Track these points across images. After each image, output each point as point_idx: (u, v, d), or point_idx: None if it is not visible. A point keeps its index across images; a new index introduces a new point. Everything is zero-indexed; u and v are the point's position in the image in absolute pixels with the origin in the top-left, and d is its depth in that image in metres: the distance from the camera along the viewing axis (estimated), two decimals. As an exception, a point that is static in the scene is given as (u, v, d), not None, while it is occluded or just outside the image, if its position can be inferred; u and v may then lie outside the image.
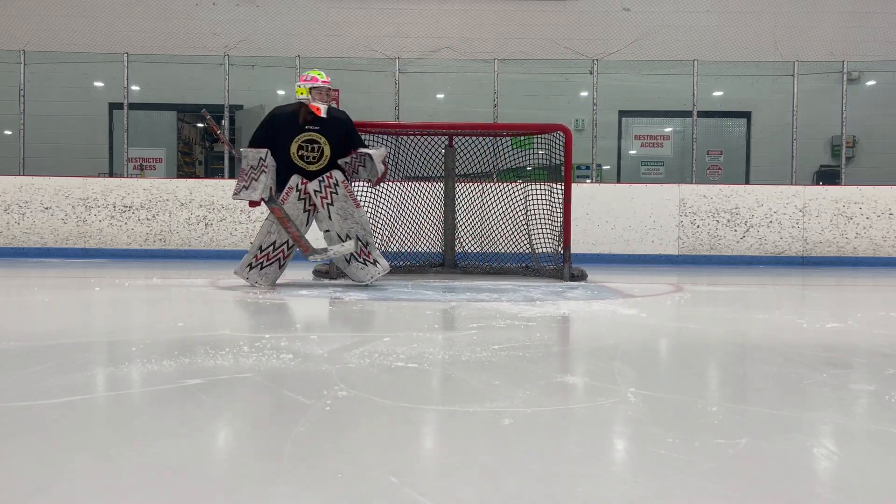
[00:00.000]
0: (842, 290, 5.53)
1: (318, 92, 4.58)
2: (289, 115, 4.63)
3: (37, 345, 2.39)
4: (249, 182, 4.51)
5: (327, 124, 4.59)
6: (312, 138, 4.57)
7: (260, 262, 4.57)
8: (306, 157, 4.57)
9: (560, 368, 2.18)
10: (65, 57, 9.32)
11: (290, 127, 4.60)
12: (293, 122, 4.59)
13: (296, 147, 4.56)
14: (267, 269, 4.58)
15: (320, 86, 4.58)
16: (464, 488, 1.15)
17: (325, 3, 10.12)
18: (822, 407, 1.74)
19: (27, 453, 1.30)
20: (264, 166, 4.52)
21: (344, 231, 4.57)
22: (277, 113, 4.71)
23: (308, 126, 4.57)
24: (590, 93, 9.00)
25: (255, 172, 4.52)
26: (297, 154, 4.56)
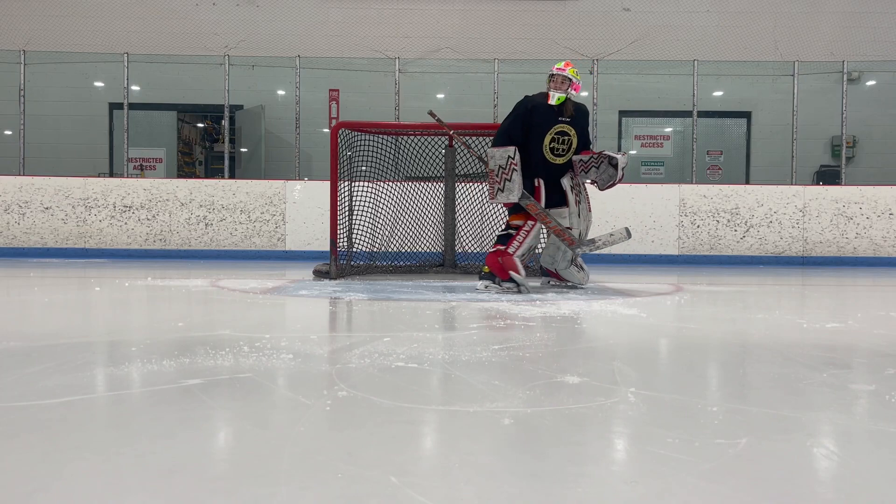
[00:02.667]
0: (842, 290, 5.53)
1: (553, 80, 4.52)
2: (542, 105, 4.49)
3: (37, 345, 2.39)
4: (503, 183, 4.33)
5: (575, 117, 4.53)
6: (564, 130, 4.50)
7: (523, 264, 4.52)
8: (557, 150, 4.51)
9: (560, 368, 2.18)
10: (65, 57, 9.33)
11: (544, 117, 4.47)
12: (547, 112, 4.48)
13: (548, 139, 4.47)
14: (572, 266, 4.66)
15: (556, 73, 4.51)
16: (464, 488, 1.15)
17: (325, 3, 10.12)
18: (822, 407, 1.74)
19: (27, 453, 1.30)
20: (514, 164, 4.33)
21: (584, 227, 4.61)
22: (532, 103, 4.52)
23: (560, 118, 4.50)
24: (590, 93, 9.00)
25: (506, 172, 4.32)
26: (548, 146, 4.48)
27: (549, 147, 4.46)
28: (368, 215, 6.01)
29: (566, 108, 4.46)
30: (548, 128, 4.44)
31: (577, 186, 4.59)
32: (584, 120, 4.60)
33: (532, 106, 4.46)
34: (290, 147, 9.36)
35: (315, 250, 7.88)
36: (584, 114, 4.62)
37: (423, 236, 6.23)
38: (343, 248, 5.72)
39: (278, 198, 8.18)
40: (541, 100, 4.48)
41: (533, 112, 4.44)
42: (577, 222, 4.56)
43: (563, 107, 4.46)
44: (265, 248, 8.17)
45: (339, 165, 5.68)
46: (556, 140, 4.47)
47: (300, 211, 8.16)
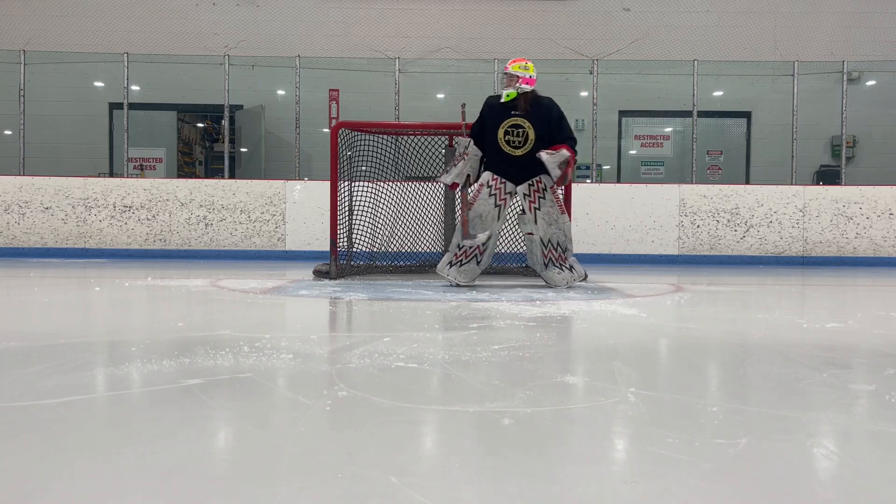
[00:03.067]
0: (842, 290, 5.53)
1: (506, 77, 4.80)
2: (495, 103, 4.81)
3: (37, 345, 2.39)
4: (450, 167, 4.81)
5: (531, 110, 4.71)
6: (517, 123, 4.71)
7: (459, 259, 4.70)
8: (512, 142, 4.70)
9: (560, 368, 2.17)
10: (65, 57, 9.33)
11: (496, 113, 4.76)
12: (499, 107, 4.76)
13: (501, 132, 4.71)
14: (466, 266, 4.71)
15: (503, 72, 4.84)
16: (464, 488, 1.15)
17: (325, 3, 10.12)
18: (822, 407, 1.74)
19: (27, 453, 1.30)
20: (465, 154, 4.78)
21: (547, 236, 4.72)
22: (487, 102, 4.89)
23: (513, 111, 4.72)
24: (590, 93, 9.00)
25: (457, 160, 4.80)
26: (503, 139, 4.71)
27: (503, 139, 4.70)
28: (368, 215, 6.01)
29: (519, 102, 4.71)
30: (500, 121, 4.71)
31: (538, 192, 4.72)
32: (546, 113, 4.74)
33: (487, 104, 4.85)
34: (290, 147, 9.36)
35: (315, 250, 7.88)
36: (545, 107, 4.76)
37: (423, 236, 6.23)
38: (343, 248, 5.71)
39: (278, 198, 8.18)
40: (496, 98, 4.84)
41: (487, 109, 4.81)
42: (534, 228, 4.75)
43: (516, 102, 4.71)
44: (265, 248, 8.17)
45: (339, 165, 5.68)
46: (510, 133, 4.69)
47: (300, 211, 8.16)
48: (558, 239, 4.74)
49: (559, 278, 4.78)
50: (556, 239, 4.74)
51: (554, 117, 4.76)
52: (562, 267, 4.77)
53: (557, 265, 4.77)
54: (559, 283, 4.78)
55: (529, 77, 4.77)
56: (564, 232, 4.75)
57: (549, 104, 4.81)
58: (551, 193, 4.74)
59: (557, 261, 4.76)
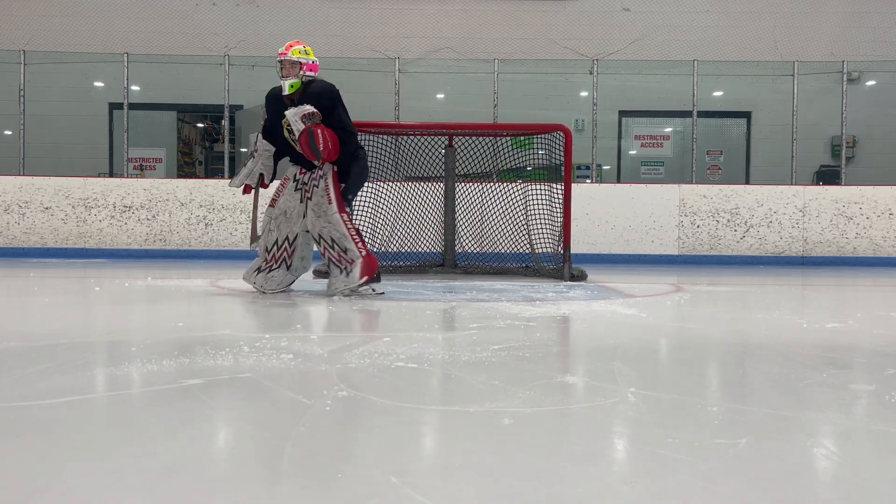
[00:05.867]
0: (842, 290, 5.53)
1: (281, 66, 4.08)
2: (275, 96, 4.22)
3: (37, 345, 2.39)
4: (240, 169, 4.25)
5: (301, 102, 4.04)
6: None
7: (269, 265, 4.18)
8: (294, 140, 4.06)
9: (560, 368, 2.18)
10: (65, 57, 9.32)
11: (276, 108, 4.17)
12: (278, 102, 4.16)
13: (286, 131, 4.08)
14: (274, 272, 4.18)
15: (280, 59, 4.09)
16: (464, 488, 1.15)
17: (325, 3, 10.12)
18: (822, 407, 1.74)
19: (27, 453, 1.30)
20: (254, 151, 4.24)
21: (316, 230, 4.11)
22: (268, 94, 4.30)
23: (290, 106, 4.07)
24: (590, 93, 9.00)
25: (246, 158, 4.32)
26: (289, 137, 4.08)
27: (290, 139, 4.07)
28: (368, 215, 6.01)
29: (295, 94, 4.09)
30: (280, 116, 4.09)
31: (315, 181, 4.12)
32: (322, 102, 4.04)
33: (267, 96, 4.28)
34: (290, 147, 9.35)
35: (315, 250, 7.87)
36: (315, 95, 4.06)
37: (423, 236, 6.23)
38: (343, 248, 5.71)
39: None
40: (276, 91, 4.19)
41: (268, 104, 4.26)
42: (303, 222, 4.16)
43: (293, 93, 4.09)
44: (265, 248, 8.16)
45: (339, 165, 5.67)
46: (290, 130, 4.04)
47: (300, 211, 8.15)
48: (331, 234, 4.06)
49: (334, 282, 4.11)
50: (329, 234, 4.06)
51: (325, 107, 4.03)
52: (342, 270, 4.07)
53: (339, 266, 4.08)
54: (333, 287, 4.11)
55: (313, 62, 4.15)
56: (334, 226, 4.05)
57: (320, 91, 4.09)
58: (324, 182, 4.09)
59: (338, 261, 4.07)
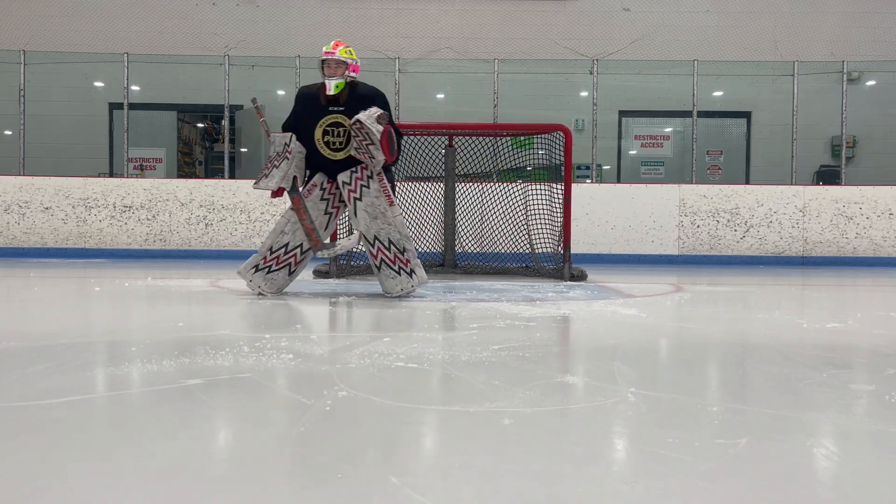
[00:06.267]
0: (842, 290, 5.53)
1: (328, 66, 3.96)
2: (311, 95, 4.04)
3: (37, 345, 2.39)
4: (270, 170, 3.96)
5: (353, 105, 3.91)
6: (337, 121, 3.95)
7: (269, 264, 4.03)
8: (332, 143, 3.95)
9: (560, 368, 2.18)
10: (65, 57, 9.32)
11: (311, 109, 3.99)
12: (315, 103, 3.99)
13: (320, 132, 3.96)
14: (274, 273, 4.05)
15: (325, 58, 3.96)
16: (464, 488, 1.15)
17: (325, 3, 10.12)
18: (822, 407, 1.74)
19: (27, 453, 1.30)
20: (287, 152, 3.96)
21: (372, 232, 3.98)
22: (299, 95, 4.12)
23: (332, 107, 3.95)
24: (590, 93, 9.00)
25: (277, 159, 3.97)
26: (321, 140, 3.96)
27: (322, 141, 3.95)
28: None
29: (340, 95, 3.94)
30: (317, 119, 3.95)
31: (361, 181, 3.97)
32: (368, 104, 3.90)
33: (299, 95, 4.09)
34: (290, 147, 9.35)
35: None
36: (368, 98, 3.95)
37: (423, 236, 6.23)
38: (343, 248, 5.71)
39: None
40: (311, 90, 4.04)
41: (300, 103, 4.06)
42: (356, 223, 4.02)
43: (338, 95, 3.94)
44: (265, 248, 8.16)
45: (339, 165, 5.68)
46: (329, 132, 3.93)
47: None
48: (389, 236, 3.97)
49: (391, 283, 4.01)
50: (387, 236, 3.97)
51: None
52: (400, 270, 4.00)
53: (395, 267, 4.00)
54: (391, 289, 4.02)
55: (356, 63, 4.02)
56: (397, 228, 3.97)
57: (373, 94, 4.02)
58: (379, 182, 3.97)
59: (393, 262, 3.99)
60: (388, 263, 4.00)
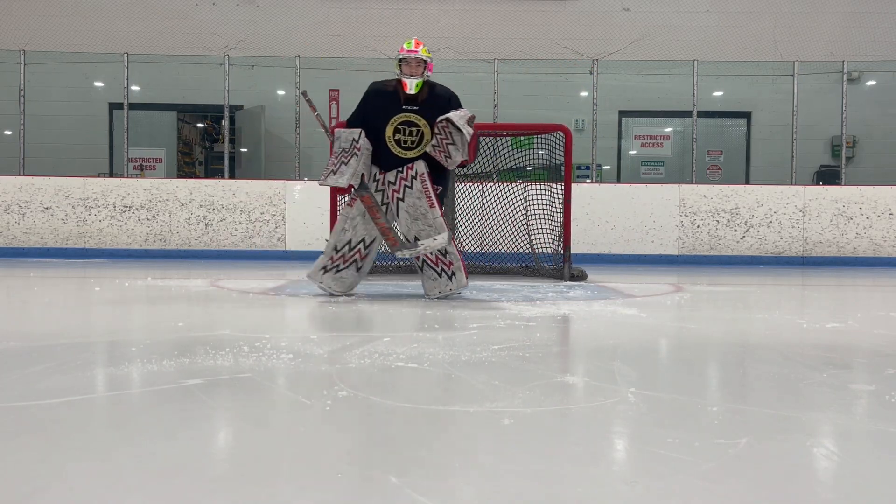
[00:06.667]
0: (842, 290, 5.53)
1: (408, 64, 3.90)
2: (385, 93, 3.97)
3: (37, 345, 2.39)
4: (338, 166, 3.87)
5: (428, 104, 3.92)
6: (410, 120, 3.92)
7: (336, 264, 3.99)
8: (403, 141, 3.93)
9: (560, 368, 2.18)
10: (65, 57, 9.32)
11: (384, 106, 3.94)
12: (389, 100, 3.94)
13: (391, 130, 3.93)
14: (343, 272, 4.00)
15: (405, 56, 3.89)
16: (464, 488, 1.15)
17: (325, 3, 10.12)
18: (822, 407, 1.74)
19: (27, 453, 1.30)
20: (356, 149, 3.88)
21: (412, 234, 3.95)
22: (371, 91, 4.03)
23: (406, 106, 3.92)
24: (590, 93, 9.00)
25: (345, 156, 3.88)
26: (392, 138, 3.93)
27: (393, 139, 3.91)
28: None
29: (418, 94, 3.90)
30: (389, 117, 3.91)
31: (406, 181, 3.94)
32: (444, 105, 3.93)
33: (371, 91, 4.00)
34: (290, 147, 9.36)
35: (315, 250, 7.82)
36: (444, 99, 3.95)
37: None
38: (343, 248, 5.70)
39: (278, 198, 8.18)
40: (386, 86, 3.98)
41: (373, 98, 3.97)
42: (396, 223, 4.02)
43: (415, 94, 3.90)
44: (265, 248, 8.17)
45: (339, 165, 5.67)
46: (401, 131, 3.91)
47: (300, 211, 8.16)
48: (424, 236, 3.94)
49: (431, 285, 4.00)
50: (427, 237, 3.94)
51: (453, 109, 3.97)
52: (440, 272, 3.97)
53: (436, 269, 3.98)
54: (430, 291, 4.01)
55: (432, 62, 3.99)
56: (437, 229, 3.92)
57: (448, 95, 4.01)
58: (421, 183, 3.92)
59: (435, 264, 3.97)
60: (430, 265, 3.99)
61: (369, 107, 4.00)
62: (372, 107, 3.99)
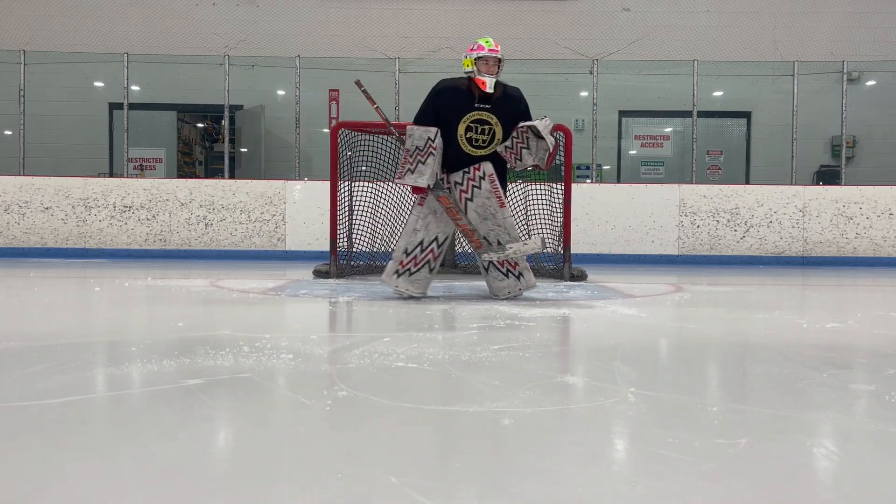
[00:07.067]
0: (842, 290, 5.53)
1: (486, 63, 3.89)
2: (457, 90, 3.94)
3: (37, 345, 2.39)
4: (416, 165, 3.81)
5: (500, 103, 3.92)
6: (483, 118, 3.90)
7: (407, 267, 3.94)
8: (475, 140, 3.90)
9: (560, 368, 2.17)
10: (65, 57, 9.32)
11: (458, 103, 3.91)
12: (462, 97, 3.91)
13: (463, 128, 3.89)
14: (416, 274, 3.95)
15: (486, 55, 3.87)
16: (464, 488, 1.15)
17: (325, 3, 10.12)
18: (822, 407, 1.74)
19: (27, 453, 1.30)
20: (432, 148, 3.82)
21: (481, 233, 3.95)
22: (443, 88, 3.97)
23: (478, 104, 3.90)
24: (590, 93, 8.99)
25: (421, 154, 3.82)
26: (464, 136, 3.90)
27: (465, 137, 3.89)
28: (368, 215, 6.00)
29: (493, 93, 3.90)
30: (462, 114, 3.88)
31: (473, 181, 3.92)
32: (515, 105, 3.96)
33: (443, 88, 3.95)
34: (290, 147, 9.36)
35: (315, 250, 7.88)
36: (515, 99, 3.98)
37: (423, 236, 6.22)
38: (343, 248, 5.71)
39: (278, 198, 8.18)
40: (458, 84, 3.95)
41: (445, 95, 3.92)
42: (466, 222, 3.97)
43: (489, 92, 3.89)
44: (265, 248, 8.17)
45: (339, 165, 5.69)
46: (473, 129, 3.89)
47: (300, 211, 8.16)
48: (498, 237, 3.94)
49: (500, 286, 4.00)
50: (496, 237, 3.95)
51: (522, 112, 3.99)
52: (508, 272, 3.98)
53: (503, 269, 3.98)
54: (499, 291, 4.01)
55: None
56: (507, 230, 3.95)
57: (519, 95, 4.03)
58: (490, 183, 3.92)
59: (502, 264, 3.97)
60: (496, 266, 3.98)
61: (441, 104, 3.93)
62: (444, 104, 3.93)
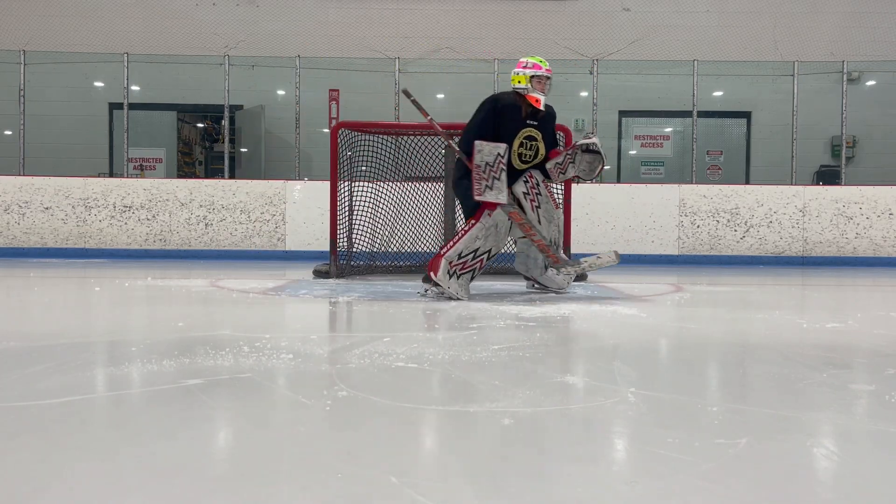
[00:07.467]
0: (842, 290, 5.53)
1: (539, 81, 4.11)
2: (512, 106, 4.10)
3: (37, 345, 2.39)
4: (492, 181, 3.89)
5: (544, 119, 4.16)
6: (532, 134, 4.11)
7: (454, 269, 4.02)
8: (524, 155, 4.12)
9: (560, 368, 2.17)
10: (65, 57, 9.32)
11: (513, 119, 4.08)
12: (516, 114, 4.09)
13: (517, 144, 4.07)
14: (462, 278, 4.05)
15: (543, 74, 4.11)
16: (464, 488, 1.15)
17: (325, 3, 10.12)
18: (822, 407, 1.74)
19: (27, 453, 1.30)
20: (502, 163, 3.90)
21: (551, 236, 4.15)
22: (501, 104, 4.11)
23: (529, 120, 4.10)
24: (590, 93, 9.00)
25: (494, 171, 3.88)
26: (517, 151, 4.08)
27: (517, 152, 4.08)
28: (368, 215, 6.01)
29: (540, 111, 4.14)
30: (517, 130, 4.07)
31: (535, 189, 4.13)
32: (553, 122, 4.29)
33: (501, 106, 4.09)
34: (290, 147, 9.36)
35: (315, 250, 7.88)
36: (553, 116, 4.29)
37: (423, 236, 6.23)
38: (343, 248, 5.71)
39: (278, 198, 8.18)
40: (512, 100, 4.12)
41: (503, 112, 4.07)
42: (539, 229, 4.14)
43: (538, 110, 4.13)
44: (265, 248, 8.17)
45: (339, 165, 5.69)
46: (524, 145, 4.11)
47: (300, 211, 8.16)
48: (554, 237, 4.20)
49: (559, 280, 4.32)
50: (555, 239, 4.21)
51: (554, 127, 4.30)
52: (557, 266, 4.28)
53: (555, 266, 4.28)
54: (563, 284, 4.33)
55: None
56: (559, 228, 4.26)
57: (554, 112, 4.32)
58: (546, 188, 4.20)
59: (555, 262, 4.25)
60: (551, 263, 4.23)
61: (499, 120, 4.07)
62: (502, 120, 4.07)
